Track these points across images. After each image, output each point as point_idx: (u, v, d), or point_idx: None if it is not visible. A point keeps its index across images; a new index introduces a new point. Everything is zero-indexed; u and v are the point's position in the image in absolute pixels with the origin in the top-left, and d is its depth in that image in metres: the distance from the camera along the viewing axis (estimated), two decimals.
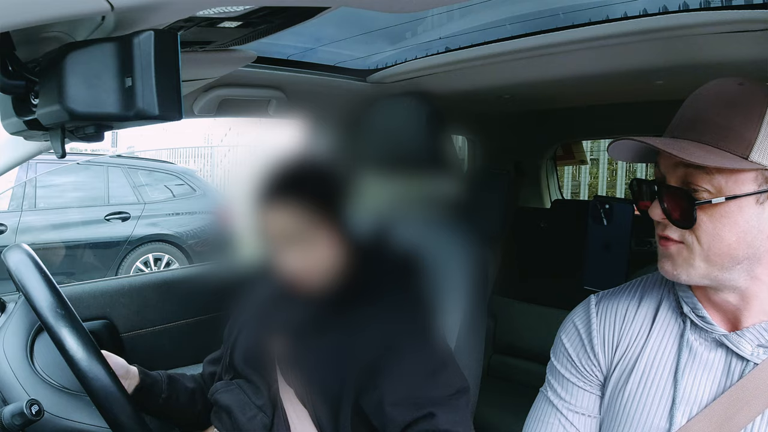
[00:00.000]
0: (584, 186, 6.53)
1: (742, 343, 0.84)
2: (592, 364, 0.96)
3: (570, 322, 1.01)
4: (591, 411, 0.96)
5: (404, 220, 1.38)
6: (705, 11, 1.12)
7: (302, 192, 1.08)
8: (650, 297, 0.96)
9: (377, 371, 1.06)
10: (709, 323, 0.87)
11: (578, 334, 0.99)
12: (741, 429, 0.82)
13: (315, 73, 1.58)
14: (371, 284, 1.14)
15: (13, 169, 1.23)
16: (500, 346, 2.37)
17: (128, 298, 1.65)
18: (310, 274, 1.11)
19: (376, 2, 0.74)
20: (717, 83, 0.85)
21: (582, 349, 0.98)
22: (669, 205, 0.83)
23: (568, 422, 0.97)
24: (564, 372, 0.99)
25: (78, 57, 0.69)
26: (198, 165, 9.23)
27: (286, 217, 1.07)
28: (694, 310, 0.88)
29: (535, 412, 1.02)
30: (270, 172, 1.10)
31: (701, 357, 0.87)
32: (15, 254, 1.09)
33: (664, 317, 0.93)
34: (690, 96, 0.86)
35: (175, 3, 0.67)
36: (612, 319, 0.96)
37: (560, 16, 1.33)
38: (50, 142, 0.82)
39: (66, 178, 5.57)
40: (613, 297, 0.99)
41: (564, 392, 0.98)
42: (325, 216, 1.09)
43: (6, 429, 0.97)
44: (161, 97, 0.68)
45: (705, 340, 0.88)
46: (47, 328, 1.01)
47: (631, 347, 0.93)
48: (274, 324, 1.19)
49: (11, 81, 0.76)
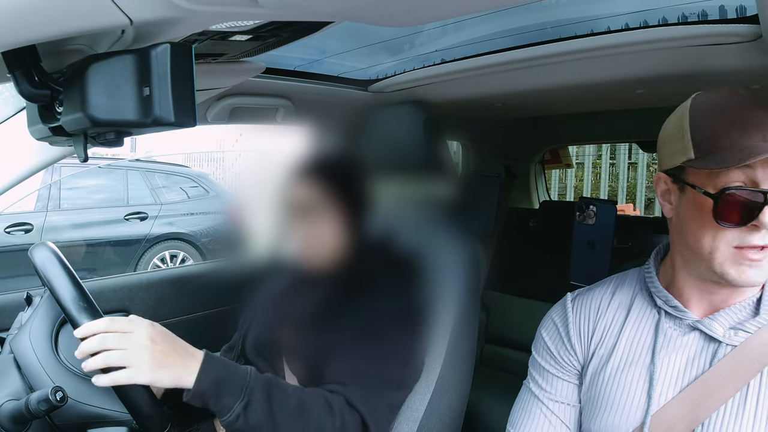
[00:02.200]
0: (570, 188, 6.53)
1: (714, 326, 0.85)
2: (570, 354, 0.97)
3: (549, 318, 1.03)
4: (570, 400, 0.97)
5: (403, 219, 1.38)
6: (682, 26, 1.12)
7: (321, 173, 1.14)
8: (623, 290, 0.97)
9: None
10: (682, 311, 0.88)
11: (556, 328, 1.00)
12: (714, 411, 0.83)
13: (320, 83, 1.58)
14: (370, 281, 1.14)
15: (39, 172, 1.23)
16: (492, 337, 2.37)
17: (146, 292, 1.65)
18: (313, 249, 1.14)
19: (377, 17, 0.74)
20: (730, 88, 0.85)
21: (560, 341, 0.98)
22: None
23: (549, 411, 0.97)
24: (544, 364, 1.00)
25: (99, 68, 0.69)
26: (211, 168, 9.22)
27: (305, 190, 1.13)
28: (667, 302, 0.90)
29: (519, 403, 1.03)
30: (298, 158, 1.17)
31: (676, 340, 0.88)
32: (41, 251, 1.09)
33: (639, 310, 0.94)
34: (720, 100, 0.84)
35: (189, 18, 0.67)
36: (587, 312, 0.97)
37: (548, 29, 1.33)
38: (74, 147, 0.82)
39: (88, 181, 5.57)
40: (588, 292, 1.00)
41: (545, 383, 0.99)
42: (335, 198, 1.13)
43: (32, 414, 0.97)
44: (177, 105, 0.68)
45: (678, 326, 0.89)
46: (70, 320, 1.01)
47: (606, 335, 0.94)
48: (280, 318, 1.19)
49: (37, 90, 0.76)
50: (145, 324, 0.92)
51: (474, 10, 0.84)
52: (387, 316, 1.10)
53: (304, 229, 1.13)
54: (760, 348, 0.82)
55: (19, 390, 1.07)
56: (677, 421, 0.84)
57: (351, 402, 1.00)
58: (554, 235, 2.22)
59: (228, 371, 0.96)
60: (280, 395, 0.97)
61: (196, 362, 0.93)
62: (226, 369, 0.96)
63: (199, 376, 0.92)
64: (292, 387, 1.01)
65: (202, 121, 1.45)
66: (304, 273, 1.18)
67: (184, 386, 0.92)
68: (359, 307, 1.11)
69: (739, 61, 1.10)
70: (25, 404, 0.97)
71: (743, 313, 0.85)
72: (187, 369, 0.92)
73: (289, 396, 0.98)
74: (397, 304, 1.13)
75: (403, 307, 1.13)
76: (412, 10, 0.72)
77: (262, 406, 0.95)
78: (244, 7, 0.66)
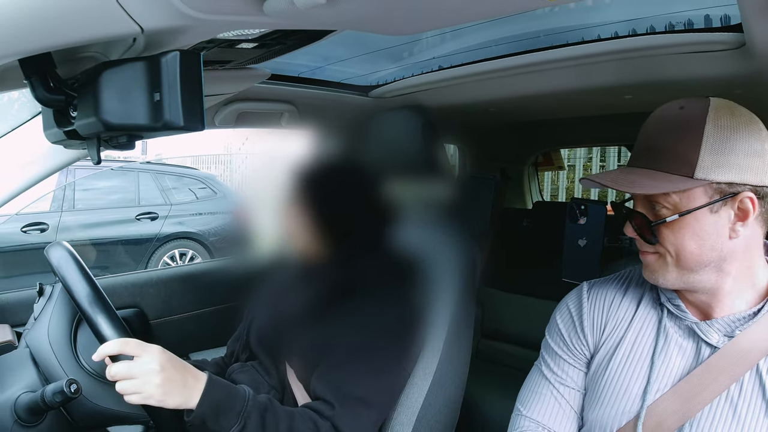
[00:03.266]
0: (562, 189, 6.53)
1: (711, 333, 0.85)
2: (582, 343, 0.97)
3: (564, 305, 1.02)
4: (578, 385, 0.97)
5: (402, 220, 1.38)
6: (669, 34, 1.12)
7: (303, 179, 1.16)
8: (635, 288, 0.97)
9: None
10: (683, 311, 0.88)
11: (570, 316, 0.99)
12: (706, 405, 0.83)
13: (323, 89, 1.58)
14: (365, 281, 1.13)
15: (54, 174, 1.23)
16: (487, 332, 2.37)
17: (156, 289, 1.65)
18: (293, 241, 1.16)
19: (378, 26, 0.74)
20: (661, 110, 0.86)
21: (573, 329, 0.98)
22: (637, 225, 0.87)
23: (558, 393, 0.97)
24: (556, 349, 1.00)
25: (112, 74, 0.69)
26: (218, 170, 9.21)
27: (287, 190, 1.15)
28: (670, 300, 0.90)
29: (529, 383, 1.02)
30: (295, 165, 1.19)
31: (675, 341, 0.88)
32: (56, 250, 1.09)
33: (646, 306, 0.93)
34: (646, 122, 0.87)
35: (198, 26, 0.67)
36: (601, 304, 0.97)
37: (541, 38, 1.33)
38: (87, 150, 0.82)
39: (101, 183, 5.57)
40: (603, 285, 1.00)
41: (556, 367, 0.99)
42: (306, 200, 1.15)
43: (48, 405, 0.97)
44: (186, 110, 0.68)
45: (679, 327, 0.89)
46: (85, 316, 1.01)
47: (615, 330, 0.94)
48: (280, 312, 1.19)
49: (52, 96, 0.76)
50: (156, 351, 0.95)
51: (470, 19, 0.84)
52: (383, 321, 1.09)
53: (286, 222, 1.16)
54: (750, 345, 0.82)
55: (35, 382, 1.07)
56: (669, 415, 0.84)
57: (338, 429, 1.02)
58: (547, 234, 2.22)
59: (228, 396, 0.98)
60: (273, 420, 1.00)
61: (200, 385, 0.96)
62: (226, 393, 0.99)
63: (201, 399, 0.95)
64: (284, 411, 1.03)
65: (210, 125, 1.45)
66: (306, 268, 1.18)
67: (189, 408, 0.95)
68: (357, 307, 1.11)
69: (724, 68, 1.10)
70: (40, 396, 0.97)
71: (740, 323, 0.85)
72: (192, 393, 0.95)
73: (281, 420, 1.00)
74: (395, 308, 1.12)
75: (401, 311, 1.13)
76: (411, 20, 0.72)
77: (256, 431, 0.98)
78: (251, 16, 0.66)
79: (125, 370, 0.92)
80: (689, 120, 0.81)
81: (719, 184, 0.79)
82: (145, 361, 0.93)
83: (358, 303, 1.11)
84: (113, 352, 0.94)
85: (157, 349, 0.95)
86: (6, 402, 1.01)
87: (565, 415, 0.96)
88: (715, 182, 0.79)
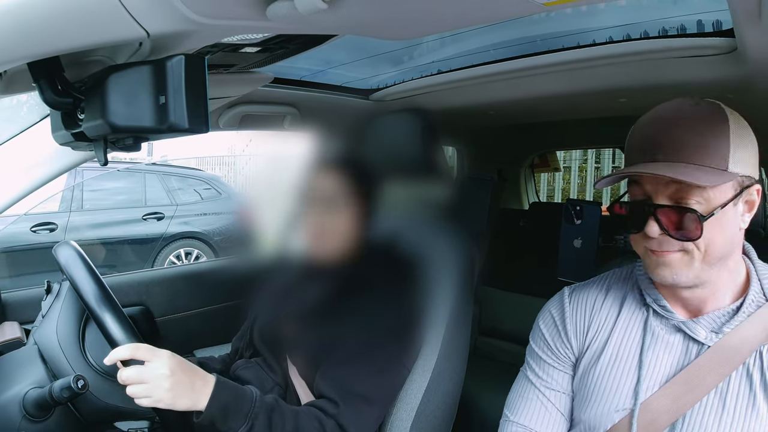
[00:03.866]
0: (558, 190, 6.53)
1: (698, 329, 0.85)
2: (566, 347, 0.96)
3: (546, 310, 1.01)
4: (564, 388, 0.97)
5: (403, 220, 1.38)
6: (663, 38, 1.12)
7: (348, 167, 1.16)
8: (616, 289, 0.96)
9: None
10: (669, 311, 0.87)
11: (553, 321, 0.99)
12: (696, 402, 0.82)
13: (324, 92, 1.58)
14: (372, 281, 1.14)
15: (62, 174, 1.23)
16: (484, 330, 2.37)
17: (162, 287, 1.65)
18: (325, 240, 1.14)
19: (378, 31, 0.74)
20: (669, 106, 0.83)
21: (557, 333, 0.97)
22: (667, 222, 0.79)
23: (544, 397, 0.97)
24: (541, 354, 0.99)
25: (118, 78, 0.69)
26: (223, 172, 9.20)
27: (328, 181, 1.14)
28: (656, 301, 0.88)
29: (516, 388, 1.02)
30: (326, 150, 1.19)
31: (663, 339, 0.87)
32: (64, 250, 1.09)
33: (630, 307, 0.93)
34: (650, 119, 0.84)
35: (202, 31, 0.67)
36: (583, 308, 0.96)
37: (538, 42, 1.33)
38: (94, 152, 0.82)
39: (109, 183, 5.57)
40: (584, 288, 0.99)
41: (541, 372, 0.98)
42: (354, 192, 1.14)
43: (55, 401, 0.97)
44: (191, 112, 0.68)
45: (665, 326, 0.88)
46: (92, 314, 1.01)
47: (599, 332, 0.93)
48: (284, 310, 1.19)
49: (60, 98, 0.76)
50: (166, 356, 0.95)
51: (469, 24, 0.83)
52: (386, 321, 1.09)
53: (320, 219, 1.13)
54: (739, 344, 0.82)
55: (43, 379, 1.07)
56: (660, 414, 0.84)
57: (342, 426, 1.02)
58: (543, 233, 2.21)
59: (236, 397, 0.98)
60: (279, 420, 1.00)
61: (208, 388, 0.96)
62: (234, 395, 0.99)
63: (209, 402, 0.95)
64: (290, 410, 1.03)
65: (215, 128, 1.45)
66: (309, 267, 1.18)
67: (198, 409, 0.95)
68: (359, 306, 1.10)
69: (716, 72, 1.10)
70: (48, 391, 0.97)
71: (725, 318, 0.84)
72: (201, 396, 0.95)
73: (287, 420, 1.01)
74: (397, 308, 1.12)
75: (402, 309, 1.13)
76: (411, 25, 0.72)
77: (263, 431, 0.98)
78: (254, 21, 0.66)
79: (136, 375, 0.92)
80: (712, 115, 0.80)
81: (742, 177, 0.79)
82: (155, 366, 0.93)
83: (362, 302, 1.11)
84: (125, 357, 0.94)
85: (167, 353, 0.95)
86: (15, 397, 1.01)
87: (552, 418, 0.96)
88: (740, 175, 0.79)
